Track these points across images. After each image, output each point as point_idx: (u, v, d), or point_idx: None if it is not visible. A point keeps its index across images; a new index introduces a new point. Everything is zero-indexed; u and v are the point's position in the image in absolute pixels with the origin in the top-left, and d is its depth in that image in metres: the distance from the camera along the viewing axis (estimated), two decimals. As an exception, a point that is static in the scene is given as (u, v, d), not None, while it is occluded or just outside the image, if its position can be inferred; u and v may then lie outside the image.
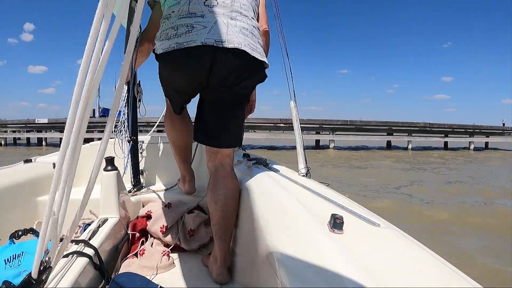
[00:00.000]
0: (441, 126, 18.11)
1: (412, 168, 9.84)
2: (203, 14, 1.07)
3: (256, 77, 1.16)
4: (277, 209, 0.86)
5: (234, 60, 1.06)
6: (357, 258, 0.54)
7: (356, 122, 17.08)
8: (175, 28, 1.07)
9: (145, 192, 1.77)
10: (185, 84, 1.17)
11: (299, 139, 1.45)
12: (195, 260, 1.39)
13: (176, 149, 1.55)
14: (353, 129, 17.22)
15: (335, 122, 16.95)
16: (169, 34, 1.08)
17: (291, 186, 1.08)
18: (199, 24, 1.06)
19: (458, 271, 0.52)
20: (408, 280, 0.49)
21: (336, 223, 0.66)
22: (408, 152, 16.27)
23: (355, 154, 14.82)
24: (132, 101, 1.78)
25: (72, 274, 0.87)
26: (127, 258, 1.32)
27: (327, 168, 9.44)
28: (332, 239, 0.61)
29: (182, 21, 1.07)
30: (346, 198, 0.93)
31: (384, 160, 11.87)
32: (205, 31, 1.04)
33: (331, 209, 0.78)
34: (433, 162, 11.90)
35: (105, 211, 1.35)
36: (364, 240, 0.63)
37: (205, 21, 1.06)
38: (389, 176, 7.87)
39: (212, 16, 1.07)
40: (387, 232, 0.67)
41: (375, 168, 9.72)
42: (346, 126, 16.97)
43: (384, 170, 9.21)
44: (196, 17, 1.07)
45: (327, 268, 0.53)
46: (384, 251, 0.58)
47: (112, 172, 1.36)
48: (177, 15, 1.09)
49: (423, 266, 0.53)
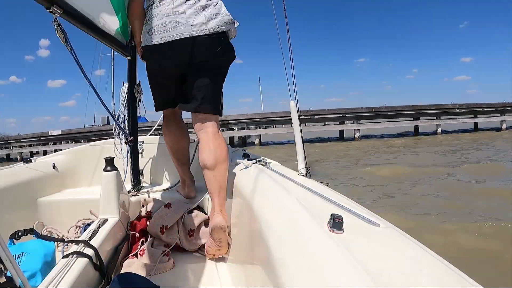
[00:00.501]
0: (470, 106, 16.86)
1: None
2: (184, 11, 1.29)
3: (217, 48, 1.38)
4: (277, 209, 0.86)
5: (208, 42, 1.31)
6: (356, 258, 0.54)
7: (381, 108, 16.00)
8: (163, 24, 1.30)
9: (145, 192, 1.77)
10: (175, 67, 1.37)
11: (299, 138, 1.45)
12: (195, 260, 1.39)
13: (174, 153, 1.64)
14: (378, 116, 16.21)
15: (359, 110, 15.88)
16: (159, 30, 1.30)
17: (291, 185, 1.08)
18: (183, 19, 1.28)
19: (458, 270, 0.52)
20: (408, 280, 0.49)
21: (335, 223, 0.66)
22: (438, 136, 15.25)
23: (391, 142, 13.53)
24: (132, 101, 1.78)
25: (72, 274, 0.87)
26: (127, 258, 1.32)
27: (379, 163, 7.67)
28: (332, 239, 0.61)
29: (168, 19, 1.29)
30: (345, 198, 0.93)
31: (436, 146, 10.64)
32: (188, 24, 1.28)
33: (330, 209, 0.78)
34: (483, 142, 11.00)
35: (105, 212, 1.35)
36: (364, 240, 0.63)
37: (187, 16, 1.28)
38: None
39: (191, 12, 1.29)
40: (387, 232, 0.67)
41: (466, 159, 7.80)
42: (371, 113, 15.94)
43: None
44: (180, 14, 1.29)
45: (326, 268, 0.53)
46: (384, 251, 0.58)
47: (112, 173, 1.36)
48: (164, 14, 1.30)
49: (423, 266, 0.53)
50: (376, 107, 15.99)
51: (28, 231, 1.12)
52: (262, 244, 0.75)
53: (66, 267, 0.89)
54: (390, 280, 0.48)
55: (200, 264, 1.35)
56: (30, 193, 1.64)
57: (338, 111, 16.14)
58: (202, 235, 1.48)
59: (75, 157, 2.06)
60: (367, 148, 12.19)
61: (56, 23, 1.02)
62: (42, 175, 1.77)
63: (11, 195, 1.51)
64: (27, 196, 1.61)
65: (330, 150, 12.16)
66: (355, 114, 15.92)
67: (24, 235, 1.12)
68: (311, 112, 15.87)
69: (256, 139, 15.78)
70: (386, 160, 8.59)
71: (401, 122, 16.59)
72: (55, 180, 1.85)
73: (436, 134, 16.01)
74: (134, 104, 1.79)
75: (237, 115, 15.94)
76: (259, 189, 1.08)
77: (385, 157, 9.19)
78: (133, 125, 1.81)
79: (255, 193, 1.05)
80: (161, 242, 1.46)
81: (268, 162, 1.52)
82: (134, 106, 1.79)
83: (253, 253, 0.90)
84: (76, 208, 1.67)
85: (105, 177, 1.36)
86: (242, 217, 1.16)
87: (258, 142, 15.64)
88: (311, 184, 1.08)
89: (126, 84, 1.80)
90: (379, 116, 16.22)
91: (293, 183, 1.11)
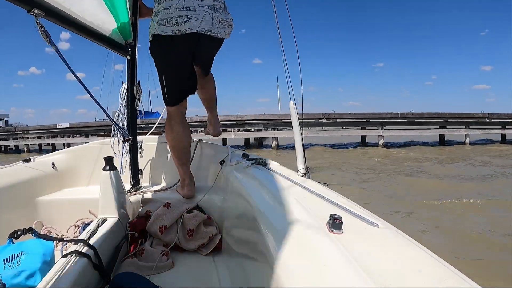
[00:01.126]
0: (501, 116, 15.41)
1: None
2: (195, 8, 1.48)
3: (217, 49, 1.72)
4: (276, 209, 0.86)
5: (211, 44, 1.61)
6: (356, 258, 0.54)
7: (408, 115, 14.49)
8: (175, 18, 1.46)
9: (144, 192, 1.77)
10: (183, 57, 1.58)
11: (298, 138, 1.45)
12: (195, 260, 1.39)
13: (175, 151, 1.68)
14: (404, 122, 14.65)
15: (384, 115, 14.36)
16: (170, 23, 1.47)
17: (290, 186, 1.08)
18: (193, 16, 1.47)
19: (457, 271, 0.52)
20: (407, 280, 0.49)
21: (335, 223, 0.66)
22: (466, 146, 13.74)
23: (425, 153, 11.41)
24: (131, 101, 1.78)
25: (71, 274, 0.87)
26: (127, 258, 1.32)
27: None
28: (331, 239, 0.61)
29: (180, 13, 1.46)
30: (345, 198, 0.93)
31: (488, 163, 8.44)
32: (198, 22, 1.48)
33: (330, 209, 0.78)
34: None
35: (104, 211, 1.34)
36: (363, 240, 0.63)
37: (197, 14, 1.48)
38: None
39: (201, 9, 1.49)
40: (386, 232, 0.67)
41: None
42: (397, 119, 14.48)
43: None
44: (190, 10, 1.47)
45: (325, 268, 0.53)
46: (383, 251, 0.58)
47: (111, 172, 1.36)
48: (176, 8, 1.47)
49: (422, 266, 0.53)
50: (403, 113, 14.47)
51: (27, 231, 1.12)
52: (262, 244, 0.75)
53: (65, 267, 0.89)
54: (389, 281, 0.48)
55: (200, 264, 1.35)
56: (29, 192, 1.64)
57: (361, 116, 14.65)
58: (201, 235, 1.48)
59: (75, 157, 2.05)
60: (401, 159, 10.09)
61: (39, 25, 0.98)
62: (41, 174, 1.77)
63: (10, 194, 1.51)
64: (26, 195, 1.61)
65: (357, 157, 10.73)
66: (380, 119, 14.33)
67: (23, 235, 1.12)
68: (333, 116, 14.39)
69: (273, 142, 14.60)
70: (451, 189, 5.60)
71: (428, 131, 15.11)
72: (54, 180, 1.85)
73: (464, 143, 14.75)
74: (133, 103, 1.79)
75: (254, 115, 14.79)
76: (258, 189, 1.08)
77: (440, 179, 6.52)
78: (133, 124, 1.81)
79: (254, 193, 1.05)
80: (160, 241, 1.46)
81: (268, 163, 1.52)
82: (133, 106, 1.79)
83: (252, 253, 0.90)
84: (75, 207, 1.67)
85: (104, 177, 1.36)
86: (241, 217, 1.16)
87: (275, 145, 14.46)
88: (311, 185, 1.08)
89: (126, 83, 1.80)
90: (405, 123, 14.67)
91: (293, 183, 1.11)
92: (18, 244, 1.10)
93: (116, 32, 1.52)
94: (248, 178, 1.28)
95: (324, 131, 14.68)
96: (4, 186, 1.49)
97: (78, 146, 2.19)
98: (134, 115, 1.81)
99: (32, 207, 1.63)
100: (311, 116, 13.88)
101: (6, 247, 1.09)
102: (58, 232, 1.62)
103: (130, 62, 1.77)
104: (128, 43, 1.67)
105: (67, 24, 1.16)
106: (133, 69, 1.79)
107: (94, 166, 1.95)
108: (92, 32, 1.34)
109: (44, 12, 0.97)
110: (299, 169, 1.36)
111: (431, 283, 0.49)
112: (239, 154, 1.72)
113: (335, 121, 14.60)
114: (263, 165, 1.43)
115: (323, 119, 14.07)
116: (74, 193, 1.84)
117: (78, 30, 1.24)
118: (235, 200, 1.31)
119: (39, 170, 1.79)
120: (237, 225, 1.26)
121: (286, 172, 1.34)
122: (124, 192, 1.48)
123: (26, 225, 1.27)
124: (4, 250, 1.06)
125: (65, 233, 1.62)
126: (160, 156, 2.07)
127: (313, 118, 14.02)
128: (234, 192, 1.35)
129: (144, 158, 2.06)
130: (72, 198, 1.76)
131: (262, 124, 14.82)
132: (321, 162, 9.44)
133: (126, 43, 1.66)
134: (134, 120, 1.82)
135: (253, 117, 14.71)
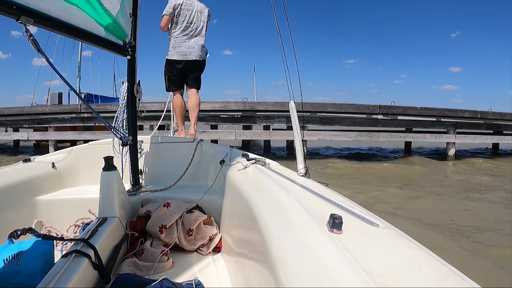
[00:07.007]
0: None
1: None
2: (190, 42, 2.98)
3: (201, 68, 3.16)
4: (276, 209, 0.86)
5: (195, 64, 3.04)
6: (356, 258, 0.54)
7: (488, 115, 9.10)
8: (179, 46, 2.97)
9: (144, 192, 1.77)
10: (179, 70, 3.03)
11: (298, 138, 1.45)
12: (195, 259, 1.39)
13: (177, 108, 3.07)
14: (481, 125, 9.25)
15: (461, 114, 8.71)
16: (177, 51, 2.96)
17: (290, 186, 1.08)
18: (188, 48, 2.97)
19: (457, 270, 0.52)
20: (407, 280, 0.49)
21: (335, 223, 0.66)
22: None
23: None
24: (131, 101, 1.78)
25: (71, 273, 0.87)
26: (126, 257, 1.32)
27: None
28: (331, 239, 0.61)
29: (182, 45, 2.97)
30: (345, 198, 0.93)
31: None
32: (189, 51, 2.98)
33: (330, 209, 0.78)
34: None
35: (104, 211, 1.34)
36: (363, 240, 0.63)
37: (190, 45, 2.97)
38: None
39: (193, 43, 3.00)
40: (386, 232, 0.67)
41: None
42: (475, 119, 8.92)
43: None
44: (187, 42, 2.98)
45: (326, 268, 0.53)
46: (383, 251, 0.58)
47: (111, 172, 1.36)
48: (180, 41, 2.95)
49: (422, 266, 0.53)
50: (482, 112, 9.01)
51: (27, 230, 1.12)
52: (262, 244, 0.75)
53: (65, 266, 0.89)
54: (389, 280, 0.48)
55: (200, 263, 1.35)
56: (29, 192, 1.64)
57: (433, 111, 8.51)
58: (201, 235, 1.48)
59: (75, 157, 2.06)
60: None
61: (28, 34, 0.95)
62: (41, 174, 1.77)
63: (10, 194, 1.51)
64: (26, 195, 1.61)
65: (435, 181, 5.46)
66: (455, 119, 8.74)
67: (23, 234, 1.12)
68: (395, 110, 8.27)
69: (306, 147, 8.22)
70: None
71: (507, 136, 9.61)
72: (54, 179, 1.85)
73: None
74: (133, 104, 1.78)
75: (272, 103, 7.93)
76: (258, 189, 1.08)
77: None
78: (133, 125, 1.81)
79: (254, 193, 1.05)
80: (160, 241, 1.46)
81: (268, 162, 1.52)
82: (133, 106, 1.79)
83: (252, 253, 0.90)
84: (75, 207, 1.67)
85: (104, 177, 1.36)
86: (241, 217, 1.16)
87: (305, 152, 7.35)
88: (311, 184, 1.08)
89: (126, 83, 1.79)
90: (482, 126, 9.37)
91: (293, 183, 1.11)
92: (18, 244, 1.10)
93: (110, 32, 1.48)
94: (248, 178, 1.28)
95: (382, 135, 8.35)
96: (4, 186, 1.49)
97: (78, 146, 2.19)
98: (134, 115, 1.81)
99: (32, 207, 1.63)
100: (359, 109, 8.10)
101: (6, 247, 1.09)
102: (58, 232, 1.62)
103: (130, 62, 1.77)
104: (128, 43, 1.66)
105: (58, 30, 1.13)
106: (133, 69, 1.79)
107: (94, 166, 1.95)
108: (87, 35, 1.31)
109: (32, 20, 0.94)
110: (299, 169, 1.36)
111: (431, 283, 0.49)
112: (239, 154, 1.72)
113: (396, 118, 8.44)
114: (263, 165, 1.43)
115: (379, 114, 8.18)
116: (74, 193, 1.84)
117: (73, 34, 1.21)
118: (235, 200, 1.31)
119: (39, 170, 1.79)
120: (237, 225, 1.26)
121: (286, 172, 1.34)
122: (124, 192, 1.48)
123: (26, 225, 1.28)
124: (4, 250, 1.06)
125: (65, 233, 1.62)
126: (160, 156, 2.07)
127: (364, 112, 8.16)
128: (234, 192, 1.35)
129: (144, 158, 2.06)
130: (72, 198, 1.76)
131: (286, 119, 7.88)
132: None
133: (124, 43, 1.65)
134: (134, 120, 1.82)
135: (271, 106, 7.92)
